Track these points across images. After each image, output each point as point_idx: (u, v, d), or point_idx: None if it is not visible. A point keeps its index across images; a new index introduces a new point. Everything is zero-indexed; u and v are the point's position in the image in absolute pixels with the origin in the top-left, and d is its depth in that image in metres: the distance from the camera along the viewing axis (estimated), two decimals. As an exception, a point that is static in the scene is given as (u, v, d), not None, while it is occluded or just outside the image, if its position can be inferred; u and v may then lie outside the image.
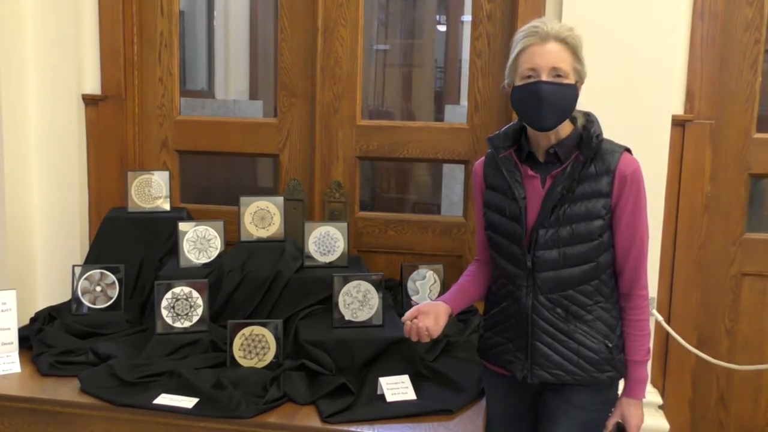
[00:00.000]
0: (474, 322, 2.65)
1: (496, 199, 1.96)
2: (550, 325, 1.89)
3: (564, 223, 1.84)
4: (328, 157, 3.10)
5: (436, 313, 1.98)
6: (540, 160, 1.90)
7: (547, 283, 1.88)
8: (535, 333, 1.91)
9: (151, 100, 3.22)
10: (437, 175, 4.51)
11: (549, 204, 1.85)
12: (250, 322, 2.29)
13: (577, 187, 1.83)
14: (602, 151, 1.83)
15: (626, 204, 1.81)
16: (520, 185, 1.89)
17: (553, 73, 1.79)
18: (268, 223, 2.72)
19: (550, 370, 1.90)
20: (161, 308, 2.37)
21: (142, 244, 2.81)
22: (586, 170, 1.83)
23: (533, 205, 1.88)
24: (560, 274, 1.86)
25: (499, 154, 1.94)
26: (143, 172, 2.94)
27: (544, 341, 1.90)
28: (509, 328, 1.97)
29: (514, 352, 1.96)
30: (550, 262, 1.86)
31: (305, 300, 2.54)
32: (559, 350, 1.89)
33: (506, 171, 1.91)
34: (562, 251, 1.84)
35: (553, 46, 1.78)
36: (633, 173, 1.81)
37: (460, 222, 3.08)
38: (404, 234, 3.08)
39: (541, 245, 1.86)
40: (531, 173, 1.89)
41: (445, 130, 3.08)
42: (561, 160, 1.86)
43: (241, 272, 2.58)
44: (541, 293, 1.89)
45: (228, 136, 3.19)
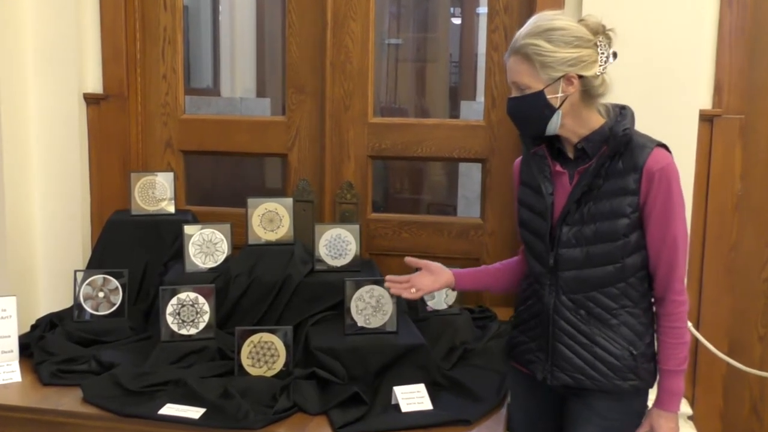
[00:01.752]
0: (492, 329, 2.64)
1: (527, 196, 1.98)
2: (571, 327, 1.89)
3: (588, 221, 1.84)
4: (338, 157, 3.11)
5: (437, 277, 2.10)
6: (569, 156, 1.91)
7: (569, 283, 1.88)
8: (556, 334, 1.91)
9: (155, 99, 3.23)
10: (453, 175, 4.51)
11: (573, 200, 1.86)
12: (258, 329, 2.30)
13: (603, 184, 1.83)
14: (632, 146, 1.82)
15: (655, 202, 1.80)
16: (548, 181, 1.91)
17: (516, 87, 1.86)
18: (276, 225, 2.72)
19: (571, 373, 1.91)
20: (166, 315, 2.38)
21: (146, 248, 2.82)
22: (614, 166, 1.82)
23: (561, 202, 1.89)
24: (583, 274, 1.86)
25: (531, 151, 1.96)
26: (147, 174, 2.95)
27: (564, 343, 1.90)
28: (532, 327, 1.99)
29: (536, 352, 1.98)
30: (573, 261, 1.86)
31: (316, 306, 2.54)
32: (579, 353, 1.89)
33: (535, 167, 1.94)
34: (585, 250, 1.85)
35: (511, 61, 1.85)
36: (662, 170, 1.79)
37: (477, 223, 3.07)
38: (419, 236, 3.08)
39: (563, 243, 1.87)
40: (560, 169, 1.91)
41: (461, 127, 3.07)
42: (589, 155, 1.86)
43: (248, 277, 2.58)
44: (563, 293, 1.90)
45: (234, 135, 3.20)
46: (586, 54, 1.81)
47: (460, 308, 2.69)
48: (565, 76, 1.81)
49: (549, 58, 1.79)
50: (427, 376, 2.24)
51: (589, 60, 1.81)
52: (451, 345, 2.49)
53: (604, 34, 1.84)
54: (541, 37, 1.80)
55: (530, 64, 1.81)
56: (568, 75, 1.81)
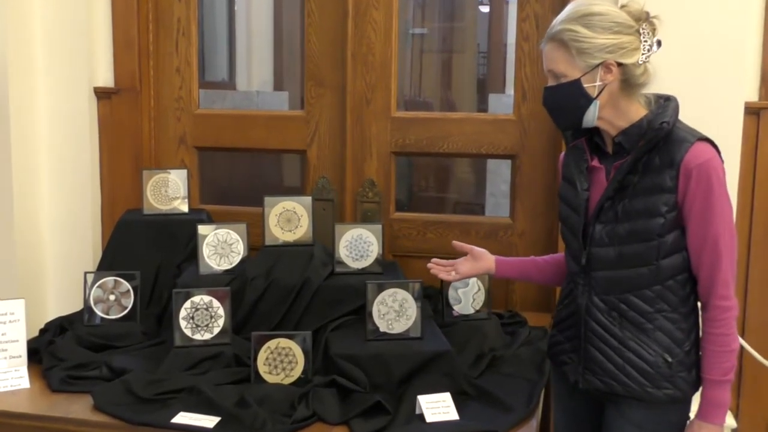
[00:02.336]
0: (522, 335, 2.64)
1: (566, 191, 2.00)
2: (603, 329, 1.89)
3: (622, 219, 1.83)
4: (360, 153, 3.11)
5: (477, 263, 2.21)
6: (608, 150, 1.91)
7: (602, 284, 1.88)
8: (587, 336, 1.91)
9: (168, 93, 3.26)
10: (481, 172, 4.49)
11: (606, 197, 1.86)
12: (276, 334, 2.31)
13: (638, 181, 1.82)
14: (671, 140, 1.80)
15: (693, 201, 1.78)
16: (583, 176, 1.92)
17: (552, 75, 1.87)
18: (295, 225, 2.73)
19: (602, 377, 1.91)
20: (179, 319, 2.40)
21: (158, 249, 2.85)
22: (650, 162, 1.81)
23: (596, 198, 1.90)
24: (615, 275, 1.86)
25: (570, 144, 1.97)
26: (159, 171, 2.97)
27: (596, 346, 1.90)
28: (567, 327, 2.01)
29: (569, 353, 1.99)
30: (605, 261, 1.86)
31: (336, 310, 2.55)
32: (611, 357, 1.88)
33: (573, 161, 1.95)
34: (618, 249, 1.84)
35: (548, 48, 1.86)
36: (702, 166, 1.76)
37: (507, 223, 3.07)
38: (444, 237, 3.07)
39: (596, 241, 1.87)
40: (596, 164, 1.91)
41: (490, 121, 3.07)
42: (627, 150, 1.85)
43: (265, 279, 2.60)
44: (596, 294, 1.90)
45: (251, 130, 3.22)
46: (626, 41, 1.80)
47: (488, 313, 2.68)
48: (603, 64, 1.80)
49: (586, 44, 1.79)
50: (453, 385, 2.24)
51: (629, 47, 1.80)
52: (478, 351, 2.49)
53: (648, 21, 1.82)
54: (578, 23, 1.79)
55: (566, 51, 1.80)
56: (606, 62, 1.80)
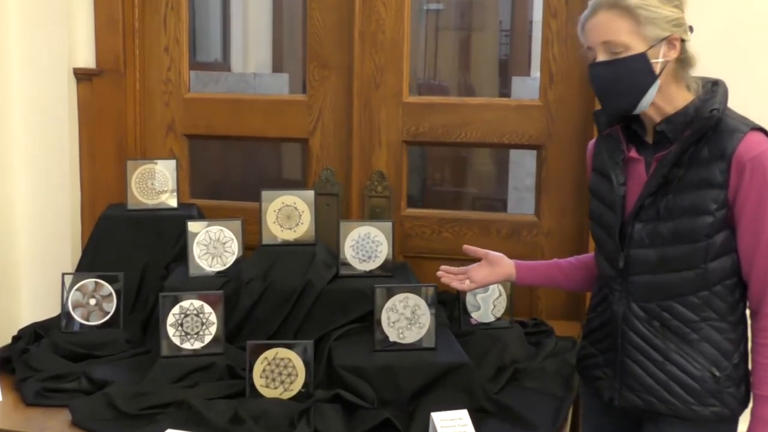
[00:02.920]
0: (548, 346, 2.63)
1: (598, 184, 1.98)
2: (642, 340, 1.88)
3: (665, 217, 1.82)
4: (368, 142, 3.11)
5: (495, 269, 2.15)
6: (647, 140, 1.89)
7: (641, 289, 1.87)
8: (625, 348, 1.90)
9: (156, 75, 3.26)
10: (503, 164, 4.50)
11: (647, 192, 1.84)
12: (273, 344, 2.31)
13: (684, 175, 1.81)
14: (720, 130, 1.79)
15: (747, 198, 1.76)
16: (619, 169, 1.90)
17: (607, 49, 1.81)
18: (295, 222, 2.73)
19: (641, 394, 1.90)
20: (167, 326, 2.40)
21: (144, 249, 2.85)
22: (698, 153, 1.80)
23: (634, 194, 1.88)
24: (657, 280, 1.85)
25: (603, 131, 1.96)
26: (146, 162, 2.98)
27: (635, 358, 1.89)
28: (601, 338, 2.00)
29: (603, 367, 1.97)
30: (646, 264, 1.85)
31: (340, 317, 2.55)
32: (651, 372, 1.88)
33: (606, 151, 1.94)
34: (661, 251, 1.83)
35: (602, 16, 1.80)
36: (756, 159, 1.75)
37: (532, 221, 3.06)
38: (462, 236, 3.07)
39: (635, 242, 1.85)
40: (635, 155, 1.90)
41: (513, 107, 3.06)
42: (670, 139, 1.84)
43: (263, 283, 2.60)
44: (634, 300, 1.88)
45: (247, 116, 3.22)
46: (683, 16, 1.81)
47: (510, 321, 2.67)
48: (669, 38, 1.80)
49: (654, 13, 1.78)
50: (471, 401, 2.24)
51: (686, 24, 1.82)
52: (499, 364, 2.48)
53: None
54: None
55: (632, 20, 1.78)
56: (672, 36, 1.80)
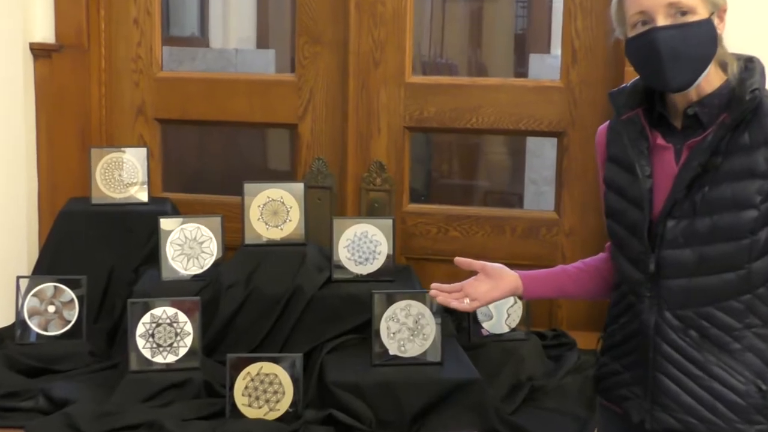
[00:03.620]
0: (570, 361, 2.63)
1: (616, 176, 1.96)
2: (678, 353, 1.88)
3: (702, 212, 1.82)
4: (366, 128, 3.11)
5: (497, 283, 2.05)
6: (676, 124, 1.89)
7: (677, 295, 1.86)
8: (657, 362, 1.89)
9: (124, 51, 3.25)
10: (519, 153, 4.49)
11: (681, 185, 1.83)
12: (257, 357, 2.31)
13: (722, 163, 1.81)
14: (763, 112, 1.80)
15: None
16: (644, 158, 1.89)
17: (671, 12, 1.79)
18: (282, 219, 2.73)
19: (677, 414, 1.89)
20: (136, 336, 2.40)
21: (110, 249, 2.85)
22: (738, 140, 1.80)
23: (663, 187, 1.87)
24: (694, 283, 1.84)
25: (622, 115, 1.94)
26: (112, 150, 2.98)
27: (669, 374, 1.88)
28: (627, 353, 1.97)
29: (631, 386, 1.96)
30: (681, 266, 1.84)
31: (334, 327, 2.55)
32: (689, 388, 1.87)
33: (628, 138, 1.92)
34: (698, 251, 1.82)
35: None
36: None
37: (551, 218, 3.06)
38: (472, 235, 3.07)
39: (669, 242, 1.85)
40: (662, 142, 1.89)
41: (530, 89, 3.06)
42: (703, 124, 1.84)
43: (245, 287, 2.60)
44: (668, 308, 1.88)
45: (228, 99, 3.21)
46: None
47: (526, 332, 2.67)
48: (720, 9, 1.81)
49: None
50: (482, 422, 2.24)
51: None
52: (514, 381, 2.49)
53: None
54: None
55: None
56: (724, 7, 1.81)
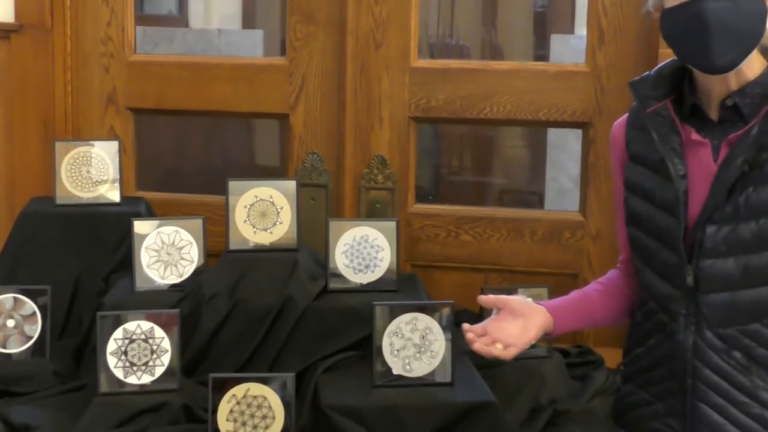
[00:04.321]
0: (598, 381, 2.63)
1: (641, 178, 1.95)
2: (721, 378, 1.88)
3: (746, 216, 1.82)
4: (365, 119, 3.11)
5: (527, 321, 1.96)
6: (712, 117, 1.89)
7: (718, 311, 1.86)
8: (697, 389, 1.89)
9: (92, 31, 3.25)
10: (539, 147, 4.49)
11: (722, 186, 1.83)
12: (244, 377, 2.31)
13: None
14: None
15: None
16: (678, 156, 1.88)
17: None
18: (272, 222, 2.73)
19: None
20: (107, 354, 2.40)
21: (77, 255, 2.85)
22: None
23: (699, 189, 1.86)
24: (738, 297, 1.84)
25: (648, 108, 1.93)
26: (79, 143, 2.97)
27: (711, 402, 1.88)
28: (658, 380, 1.96)
29: (664, 418, 1.95)
30: (723, 278, 1.84)
31: (330, 343, 2.56)
32: (735, 418, 1.87)
33: (657, 134, 1.91)
34: (743, 260, 1.82)
35: None
36: None
37: (576, 220, 3.06)
38: (486, 239, 3.07)
39: (708, 251, 1.84)
40: (696, 138, 1.88)
41: (552, 74, 3.06)
42: (744, 116, 1.84)
43: (230, 299, 2.60)
44: (708, 327, 1.87)
45: (210, 85, 3.22)
46: None
47: (548, 349, 2.67)
48: None
49: None
50: (498, 451, 2.25)
51: None
52: (534, 404, 2.50)
53: None
54: None
55: None
56: None
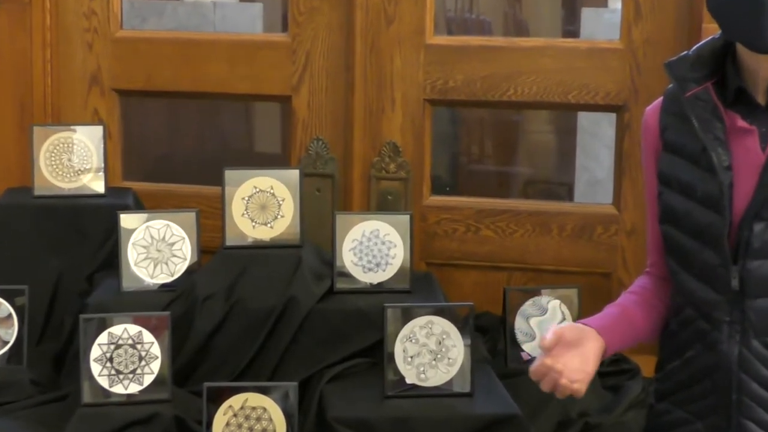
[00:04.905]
0: (632, 392, 2.64)
1: (678, 170, 1.94)
2: (770, 391, 1.88)
3: (798, 213, 1.82)
4: (376, 101, 3.11)
5: (583, 350, 1.93)
6: (759, 101, 1.88)
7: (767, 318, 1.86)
8: (744, 405, 1.89)
9: (73, 5, 3.25)
10: (568, 133, 4.48)
11: (771, 179, 1.83)
12: (242, 387, 2.32)
13: None
14: None
15: None
16: (721, 145, 1.87)
17: None
18: (272, 215, 2.74)
19: None
20: (91, 361, 2.41)
21: (58, 252, 2.86)
22: None
23: (745, 181, 1.85)
24: None
25: (686, 91, 1.92)
26: (60, 128, 2.98)
27: (759, 419, 1.88)
28: (698, 397, 1.96)
29: None
30: None
31: (337, 349, 2.57)
32: (785, 437, 1.87)
33: (697, 121, 1.89)
34: None
35: None
36: None
37: (609, 214, 3.05)
38: (509, 235, 3.07)
39: (756, 251, 1.84)
40: (742, 124, 1.87)
41: (583, 52, 3.06)
42: None
43: (226, 300, 2.61)
44: (756, 335, 1.87)
45: (204, 64, 3.22)
46: None
47: (578, 356, 2.68)
48: None
49: None
50: (523, 469, 2.25)
51: None
52: (562, 417, 2.50)
53: None
54: None
55: None
56: None
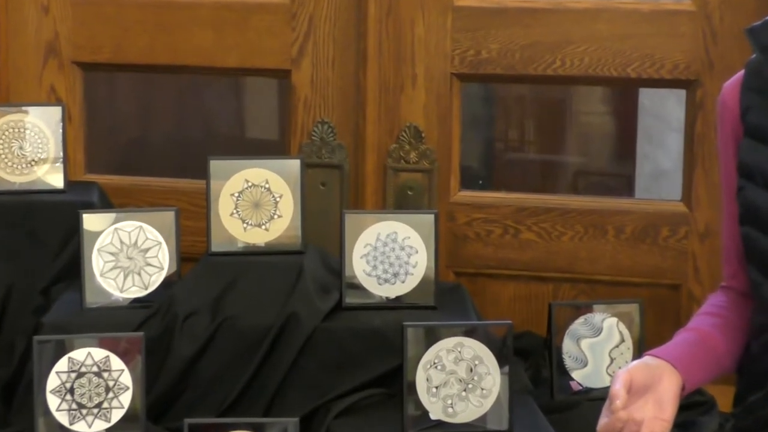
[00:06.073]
0: (706, 428, 2.64)
1: (764, 160, 1.95)
2: None
3: None
4: (393, 77, 3.12)
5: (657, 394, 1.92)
6: None
7: None
8: None
9: (26, -40, 3.29)
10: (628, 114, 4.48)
11: None
12: (231, 424, 2.33)
13: None
14: None
15: None
16: None
17: None
18: (268, 214, 2.75)
19: None
20: (47, 393, 2.42)
21: (6, 259, 2.88)
22: None
23: None
24: None
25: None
26: (9, 109, 3.00)
27: None
28: None
29: None
30: None
31: (347, 377, 2.58)
32: None
33: None
34: None
35: None
36: None
37: (677, 212, 3.06)
38: (555, 239, 3.08)
39: None
40: None
41: (646, 15, 3.06)
42: None
43: (212, 318, 2.62)
44: None
45: (184, 32, 3.24)
46: None
47: (640, 386, 2.68)
48: None
49: None
50: None
51: None
52: (621, 460, 2.50)
53: None
54: None
55: None
56: None
